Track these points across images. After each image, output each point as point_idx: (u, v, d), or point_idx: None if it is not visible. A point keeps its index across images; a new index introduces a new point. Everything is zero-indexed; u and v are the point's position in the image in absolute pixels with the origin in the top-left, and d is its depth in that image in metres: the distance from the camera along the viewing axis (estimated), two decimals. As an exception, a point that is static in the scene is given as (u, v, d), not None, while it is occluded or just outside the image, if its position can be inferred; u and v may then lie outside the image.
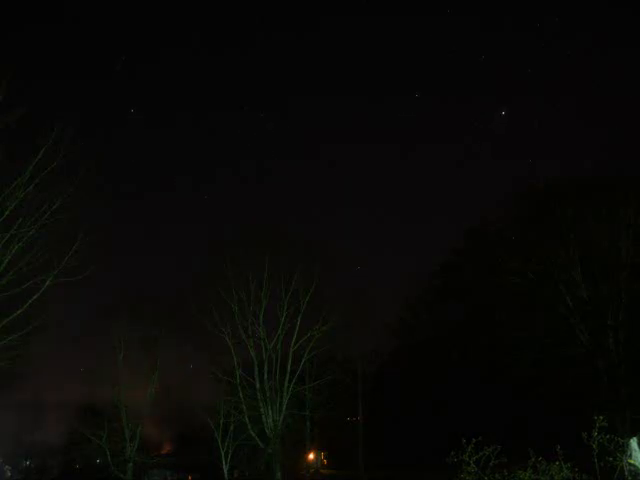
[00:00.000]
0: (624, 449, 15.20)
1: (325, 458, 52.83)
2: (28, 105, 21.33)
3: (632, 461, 24.65)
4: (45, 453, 46.79)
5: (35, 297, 22.34)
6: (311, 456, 49.66)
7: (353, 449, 48.15)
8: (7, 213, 20.94)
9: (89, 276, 23.40)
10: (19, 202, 21.16)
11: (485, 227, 42.51)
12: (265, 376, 34.59)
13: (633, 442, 27.22)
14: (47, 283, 22.45)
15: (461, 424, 28.87)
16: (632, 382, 29.97)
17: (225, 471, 36.12)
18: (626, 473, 15.02)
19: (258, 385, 34.48)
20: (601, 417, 13.26)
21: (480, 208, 45.96)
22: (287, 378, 34.76)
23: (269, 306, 35.37)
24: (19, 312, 22.14)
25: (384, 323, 50.55)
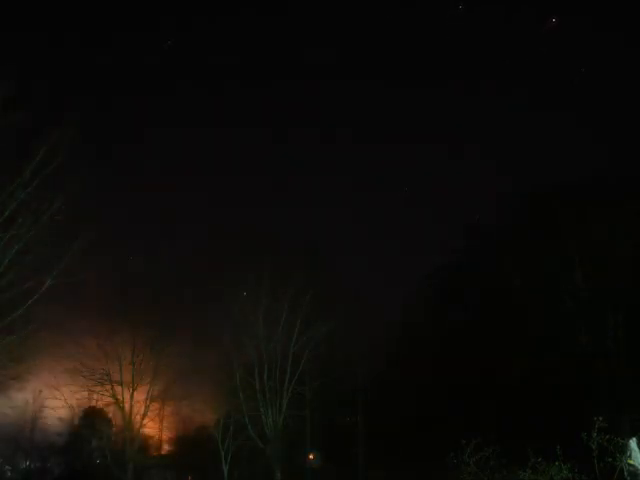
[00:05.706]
0: (623, 450, 15.22)
1: (325, 458, 52.62)
2: (28, 105, 21.34)
3: (631, 462, 24.63)
4: (45, 453, 46.67)
5: (35, 297, 22.34)
6: (311, 456, 49.53)
7: (353, 449, 48.08)
8: (7, 213, 20.95)
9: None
10: (19, 202, 21.16)
11: (485, 227, 42.58)
12: (265, 376, 34.59)
13: (632, 443, 27.17)
14: (47, 283, 22.45)
15: (461, 424, 28.86)
16: (631, 382, 29.97)
17: (225, 471, 36.08)
18: (625, 474, 15.03)
19: (258, 386, 34.48)
20: (600, 418, 13.28)
21: (480, 208, 45.86)
22: (287, 379, 34.76)
23: (269, 306, 35.35)
24: (19, 312, 22.13)
25: (384, 323, 50.49)
